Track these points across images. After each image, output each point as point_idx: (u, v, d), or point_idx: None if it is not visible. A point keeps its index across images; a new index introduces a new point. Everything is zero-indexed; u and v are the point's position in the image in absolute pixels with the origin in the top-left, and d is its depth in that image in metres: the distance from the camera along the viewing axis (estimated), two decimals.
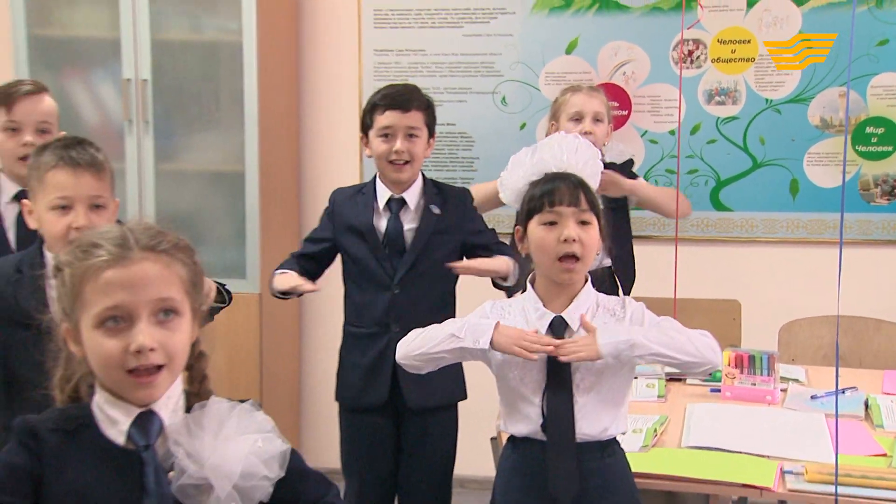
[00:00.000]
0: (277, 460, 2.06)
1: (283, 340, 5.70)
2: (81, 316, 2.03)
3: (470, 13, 5.44)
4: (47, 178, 3.04)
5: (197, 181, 5.52)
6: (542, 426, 2.92)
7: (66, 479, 2.04)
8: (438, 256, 3.88)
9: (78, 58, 5.47)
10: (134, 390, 2.02)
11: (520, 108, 5.45)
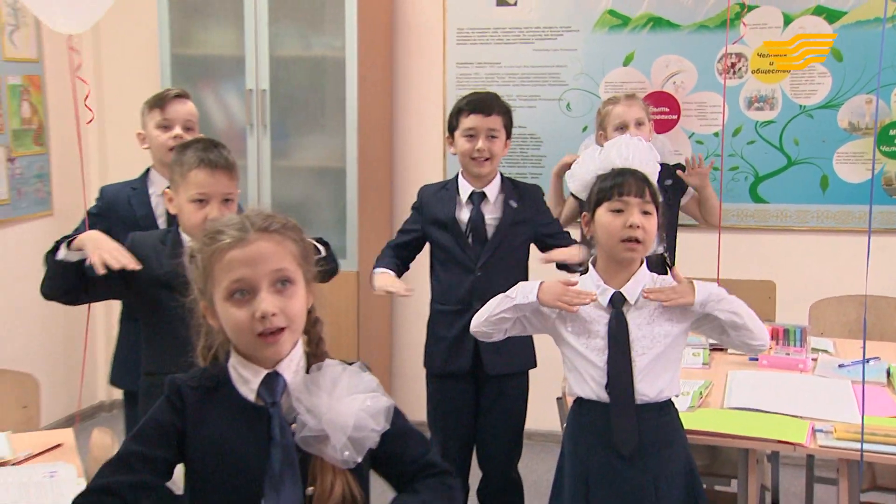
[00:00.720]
0: (384, 415, 2.08)
1: (376, 313, 5.72)
2: (214, 292, 2.08)
3: (540, 31, 5.45)
4: (189, 176, 3.08)
5: (306, 176, 5.61)
6: (605, 388, 2.92)
7: (204, 430, 2.10)
8: (515, 244, 3.92)
9: (210, 72, 5.57)
10: (263, 350, 2.06)
11: (582, 113, 5.45)
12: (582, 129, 5.42)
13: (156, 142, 3.91)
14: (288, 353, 2.10)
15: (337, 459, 2.03)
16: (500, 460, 4.02)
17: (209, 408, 2.12)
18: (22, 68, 5.60)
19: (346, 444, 2.02)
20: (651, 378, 2.92)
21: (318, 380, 2.08)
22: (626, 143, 3.03)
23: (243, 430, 2.08)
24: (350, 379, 2.09)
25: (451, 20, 5.59)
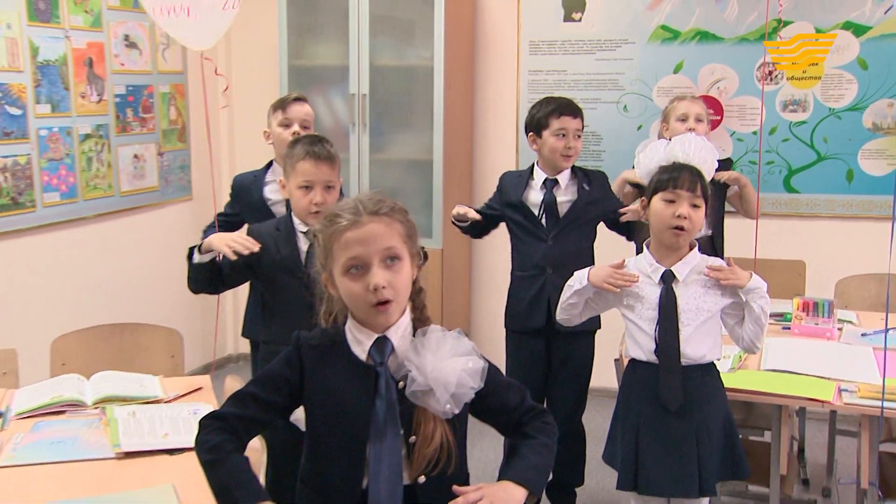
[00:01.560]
0: (480, 375, 2.09)
1: (458, 285, 5.76)
2: (333, 267, 2.11)
3: (601, 43, 5.45)
4: (297, 166, 3.14)
5: (398, 167, 5.65)
6: (654, 352, 2.94)
7: (321, 381, 2.14)
8: (585, 220, 3.92)
9: (319, 80, 5.63)
10: (375, 318, 2.08)
11: (637, 114, 5.45)
12: (637, 128, 5.42)
13: (278, 138, 3.98)
14: (396, 321, 2.12)
15: (439, 411, 2.06)
16: (566, 411, 4.01)
17: (326, 363, 2.15)
18: (170, 79, 5.74)
19: (448, 399, 2.05)
20: (694, 344, 2.93)
21: (425, 342, 2.09)
22: (690, 141, 3.03)
23: (354, 384, 2.11)
24: (453, 343, 2.10)
25: (525, 34, 5.61)
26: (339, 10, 5.45)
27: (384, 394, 2.08)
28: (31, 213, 4.77)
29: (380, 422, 2.07)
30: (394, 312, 2.10)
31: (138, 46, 5.43)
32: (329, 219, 2.12)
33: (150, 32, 5.50)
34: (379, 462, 2.07)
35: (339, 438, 2.12)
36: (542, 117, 3.92)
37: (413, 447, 2.10)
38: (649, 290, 2.97)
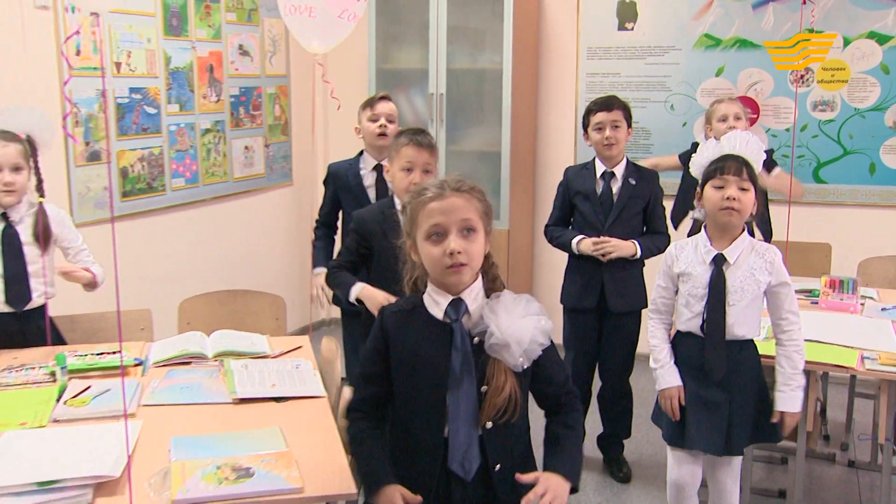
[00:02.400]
0: (548, 334, 2.12)
1: (521, 262, 5.78)
2: (416, 234, 2.14)
3: (651, 49, 5.46)
4: (401, 151, 3.16)
5: (471, 158, 5.66)
6: (701, 327, 2.95)
7: (403, 341, 2.18)
8: (632, 212, 3.90)
9: (403, 81, 5.68)
10: (449, 278, 2.10)
11: (682, 112, 5.45)
12: (682, 125, 5.42)
13: (367, 131, 4.03)
14: (469, 285, 2.14)
15: (512, 364, 2.08)
16: (616, 374, 4.05)
17: (407, 325, 2.19)
18: (275, 81, 5.84)
19: (521, 353, 2.07)
20: (739, 322, 2.92)
21: (500, 303, 2.11)
22: (736, 136, 3.01)
23: (432, 340, 2.14)
24: (525, 304, 2.12)
25: (583, 41, 5.63)
26: (421, 20, 5.50)
27: (460, 347, 2.10)
28: (162, 196, 4.94)
29: (456, 372, 2.09)
30: (466, 275, 2.11)
31: (250, 54, 5.56)
32: (417, 192, 2.16)
33: (261, 42, 5.63)
34: (457, 409, 2.09)
35: (422, 390, 2.14)
36: (585, 115, 3.95)
37: (484, 396, 2.11)
38: (701, 269, 2.96)
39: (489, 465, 2.14)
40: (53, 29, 4.23)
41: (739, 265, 2.93)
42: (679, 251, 3.05)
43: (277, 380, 2.84)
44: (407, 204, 2.18)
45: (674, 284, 3.07)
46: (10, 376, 2.89)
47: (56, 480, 2.08)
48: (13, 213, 3.21)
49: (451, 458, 2.11)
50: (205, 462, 2.21)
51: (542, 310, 2.14)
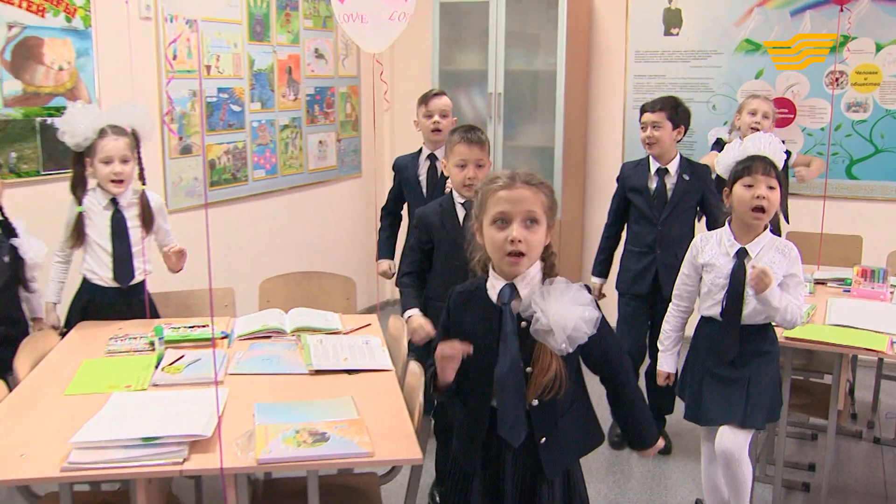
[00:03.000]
0: (593, 323, 2.08)
1: (572, 249, 5.76)
2: (483, 218, 2.12)
3: (695, 53, 5.42)
4: (455, 148, 3.17)
5: (526, 152, 5.65)
6: (721, 314, 2.94)
7: (463, 319, 2.21)
8: (686, 206, 3.87)
9: (464, 81, 5.70)
10: (506, 266, 2.10)
11: (723, 112, 5.40)
12: (723, 124, 5.33)
13: (422, 126, 4.07)
14: (524, 273, 2.12)
15: (555, 348, 2.06)
16: None
17: (468, 305, 2.20)
18: (347, 81, 5.90)
19: (564, 339, 2.05)
20: (758, 310, 2.88)
21: (550, 290, 2.09)
22: (759, 138, 2.99)
23: (486, 320, 2.14)
24: (574, 293, 2.09)
25: (631, 45, 5.61)
26: (481, 26, 5.52)
27: (508, 329, 2.09)
28: (244, 186, 5.04)
29: (503, 351, 2.08)
30: (522, 265, 2.09)
31: (325, 57, 5.63)
32: (489, 179, 2.14)
33: (334, 46, 5.70)
34: (503, 385, 2.09)
35: (473, 365, 2.14)
36: (639, 116, 3.93)
37: (530, 376, 2.11)
38: (723, 261, 2.93)
39: (535, 437, 2.15)
40: (154, 36, 4.35)
41: (760, 259, 2.89)
42: (704, 243, 3.03)
43: (349, 354, 2.89)
44: (479, 189, 2.18)
45: (697, 273, 3.06)
46: (116, 345, 3.01)
47: (158, 437, 2.17)
48: (121, 200, 3.33)
49: (499, 426, 2.13)
50: (285, 426, 2.27)
51: (592, 300, 2.12)
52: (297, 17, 5.34)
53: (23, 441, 2.26)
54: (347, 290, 3.81)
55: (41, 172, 3.84)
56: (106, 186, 3.27)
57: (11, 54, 3.70)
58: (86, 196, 3.30)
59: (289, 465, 2.15)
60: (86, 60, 4.00)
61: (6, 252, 3.12)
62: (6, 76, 3.69)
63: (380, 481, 2.80)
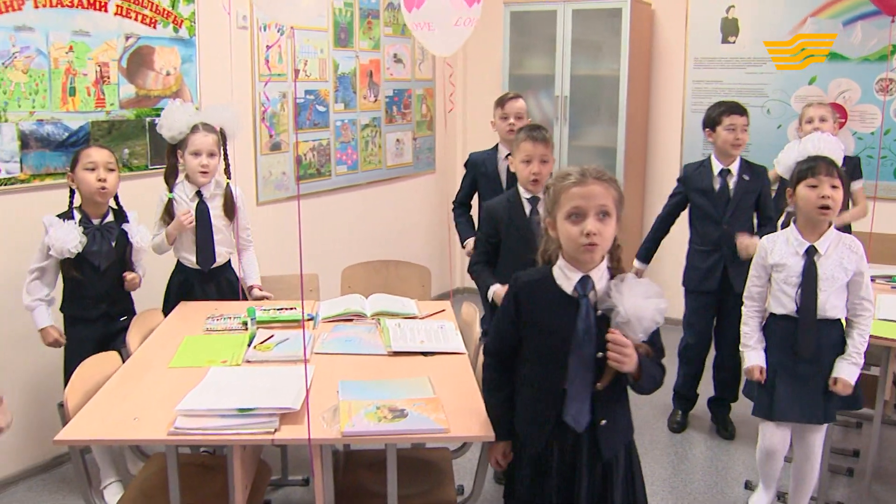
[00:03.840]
0: (664, 313, 2.06)
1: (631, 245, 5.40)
2: (557, 213, 2.09)
3: (751, 60, 5.29)
4: (521, 146, 3.18)
5: (589, 152, 5.60)
6: (796, 311, 2.86)
7: (532, 309, 2.16)
8: (746, 206, 3.80)
9: (532, 85, 5.65)
10: (582, 256, 2.07)
11: (777, 116, 5.27)
12: (777, 127, 5.23)
13: (499, 127, 4.08)
14: (597, 264, 2.10)
15: (631, 338, 2.04)
16: (730, 346, 3.88)
17: (536, 293, 2.15)
18: (423, 84, 5.90)
19: (641, 329, 2.03)
20: (831, 303, 2.84)
21: (624, 285, 2.07)
22: (818, 138, 2.93)
23: (559, 310, 2.10)
24: (646, 286, 2.07)
25: (691, 52, 5.50)
26: (548, 33, 5.49)
27: (584, 318, 2.06)
28: (328, 180, 5.10)
29: (579, 340, 2.06)
30: (597, 255, 2.07)
31: (403, 62, 5.65)
32: (561, 176, 2.11)
33: (411, 51, 5.72)
34: (576, 370, 2.07)
35: (546, 351, 2.13)
36: (716, 116, 3.84)
37: (600, 362, 2.08)
38: (794, 260, 2.86)
39: (596, 420, 2.13)
40: (249, 44, 4.43)
41: (829, 255, 2.84)
42: (771, 245, 2.96)
43: (425, 337, 2.91)
44: (550, 186, 2.14)
45: (766, 274, 2.99)
46: (213, 323, 3.09)
47: (252, 408, 2.23)
48: (205, 191, 3.42)
49: (566, 411, 2.11)
50: (367, 402, 2.30)
51: (660, 292, 2.08)
52: (377, 24, 5.38)
53: (134, 407, 2.34)
54: (423, 278, 3.82)
55: (149, 167, 3.94)
56: (193, 177, 3.38)
57: (127, 61, 3.81)
58: (175, 187, 3.42)
59: (370, 438, 2.19)
60: (189, 66, 4.09)
61: (115, 237, 3.23)
62: (122, 81, 3.80)
63: (451, 456, 2.82)
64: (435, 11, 3.63)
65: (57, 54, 3.51)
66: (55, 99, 3.52)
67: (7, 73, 3.34)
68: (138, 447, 2.93)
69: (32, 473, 3.60)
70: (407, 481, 2.50)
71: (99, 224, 3.20)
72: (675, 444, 3.98)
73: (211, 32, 4.17)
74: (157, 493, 2.55)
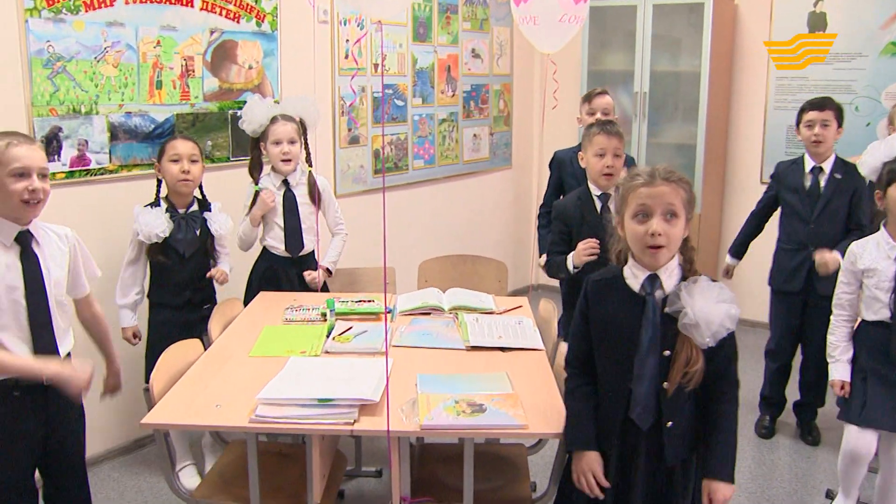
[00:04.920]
0: (735, 320, 2.03)
1: (710, 243, 5.51)
2: (625, 212, 2.08)
3: (838, 55, 5.10)
4: (594, 139, 3.14)
5: (668, 149, 5.51)
6: (890, 316, 2.75)
7: (600, 306, 2.14)
8: (837, 205, 3.65)
9: (611, 81, 5.54)
10: (647, 258, 2.05)
11: (866, 113, 5.07)
12: (866, 125, 5.04)
13: (585, 123, 4.00)
14: (665, 264, 2.07)
15: (699, 342, 2.01)
16: (817, 350, 3.65)
17: (606, 292, 2.14)
18: (501, 79, 5.88)
19: (709, 334, 2.00)
20: None
21: (695, 288, 2.03)
22: None
23: (627, 308, 2.08)
24: (718, 291, 2.03)
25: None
26: (627, 29, 5.42)
27: (651, 317, 2.04)
28: (405, 174, 5.11)
29: (645, 338, 2.04)
30: (663, 257, 2.05)
31: (481, 57, 5.63)
32: (630, 176, 2.10)
33: (490, 46, 5.69)
34: (642, 368, 2.04)
35: (613, 349, 2.10)
36: (799, 112, 3.74)
37: (667, 361, 2.04)
38: (885, 264, 2.76)
39: (663, 421, 2.08)
40: (330, 38, 4.46)
41: None
42: (861, 249, 2.86)
43: (503, 332, 2.88)
44: (620, 186, 2.13)
45: (856, 280, 2.88)
46: (292, 314, 3.11)
47: (332, 398, 2.23)
48: (291, 179, 3.46)
49: (632, 408, 2.07)
50: (445, 396, 2.29)
51: (733, 298, 2.05)
52: (456, 19, 5.36)
53: (216, 394, 2.37)
54: (500, 274, 3.80)
55: (230, 158, 4.00)
56: (276, 165, 3.43)
57: (211, 55, 3.87)
58: (261, 178, 3.48)
59: (449, 432, 2.17)
60: (271, 60, 4.13)
61: (199, 225, 3.29)
62: (206, 74, 3.85)
63: (527, 452, 2.79)
64: (541, 7, 3.63)
65: (145, 49, 3.58)
66: (143, 92, 3.60)
67: (99, 67, 3.42)
68: (218, 433, 2.97)
69: (116, 454, 3.69)
70: (482, 476, 2.48)
71: (184, 213, 3.27)
72: (755, 448, 3.86)
73: (292, 27, 4.20)
74: (236, 480, 2.58)
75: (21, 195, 2.22)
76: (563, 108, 5.42)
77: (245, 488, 2.44)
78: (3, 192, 2.23)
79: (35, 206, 2.26)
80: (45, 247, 2.34)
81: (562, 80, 5.94)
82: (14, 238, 2.27)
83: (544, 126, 6.26)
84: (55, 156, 3.31)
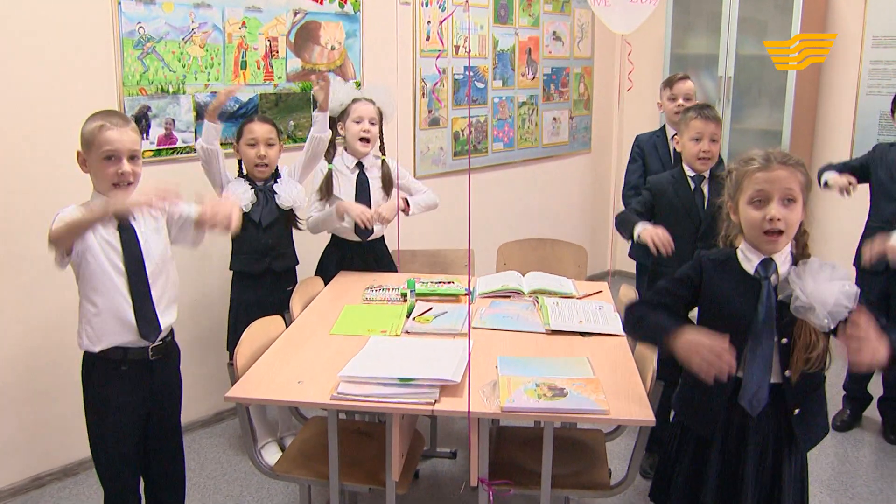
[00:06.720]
0: (854, 297, 1.92)
1: None
2: (739, 198, 2.02)
3: None
4: (691, 124, 3.08)
5: (752, 135, 5.32)
6: None
7: (714, 286, 2.05)
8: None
9: (695, 65, 5.42)
10: (764, 245, 1.98)
11: None
12: None
13: (666, 108, 3.94)
14: (781, 249, 2.01)
15: (817, 324, 1.93)
16: None
17: (718, 273, 2.06)
18: (582, 63, 5.79)
19: (826, 315, 1.91)
20: None
21: (806, 269, 1.96)
22: None
23: (741, 291, 2.02)
24: (831, 270, 1.95)
25: (869, 30, 5.07)
26: (713, 11, 5.26)
27: (765, 302, 1.98)
28: (485, 157, 5.08)
29: (759, 324, 1.97)
30: (781, 243, 1.99)
31: (562, 39, 5.54)
32: (744, 160, 2.03)
33: (571, 29, 5.60)
34: (754, 354, 1.98)
35: (723, 330, 1.96)
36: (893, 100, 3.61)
37: (785, 348, 1.98)
38: None
39: (789, 409, 2.02)
40: (412, 19, 4.44)
41: None
42: None
43: (584, 317, 2.84)
44: (733, 170, 2.06)
45: None
46: (372, 294, 3.11)
47: (413, 378, 2.22)
48: (365, 162, 3.44)
49: (742, 395, 2.01)
50: (526, 379, 2.26)
51: (847, 275, 1.95)
52: (537, 2, 5.27)
53: (297, 371, 2.38)
54: (579, 258, 3.75)
55: None
56: (354, 145, 3.40)
57: (295, 36, 3.89)
58: (335, 159, 3.45)
59: (531, 415, 2.14)
60: (353, 41, 4.14)
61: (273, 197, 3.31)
62: (289, 55, 3.88)
63: (605, 438, 2.74)
64: None
65: (231, 29, 3.62)
66: (228, 72, 3.64)
67: (186, 48, 3.47)
68: (297, 409, 3.00)
69: (198, 426, 3.76)
70: (559, 461, 2.44)
71: (262, 185, 3.28)
72: (838, 444, 3.73)
73: (375, 8, 4.19)
74: (316, 456, 2.60)
75: (112, 178, 2.28)
76: (644, 92, 5.31)
77: (324, 464, 2.46)
78: (97, 174, 2.30)
79: (126, 188, 2.30)
80: (142, 220, 2.39)
81: (643, 64, 5.83)
82: None
83: (622, 109, 6.16)
84: (144, 134, 3.38)
